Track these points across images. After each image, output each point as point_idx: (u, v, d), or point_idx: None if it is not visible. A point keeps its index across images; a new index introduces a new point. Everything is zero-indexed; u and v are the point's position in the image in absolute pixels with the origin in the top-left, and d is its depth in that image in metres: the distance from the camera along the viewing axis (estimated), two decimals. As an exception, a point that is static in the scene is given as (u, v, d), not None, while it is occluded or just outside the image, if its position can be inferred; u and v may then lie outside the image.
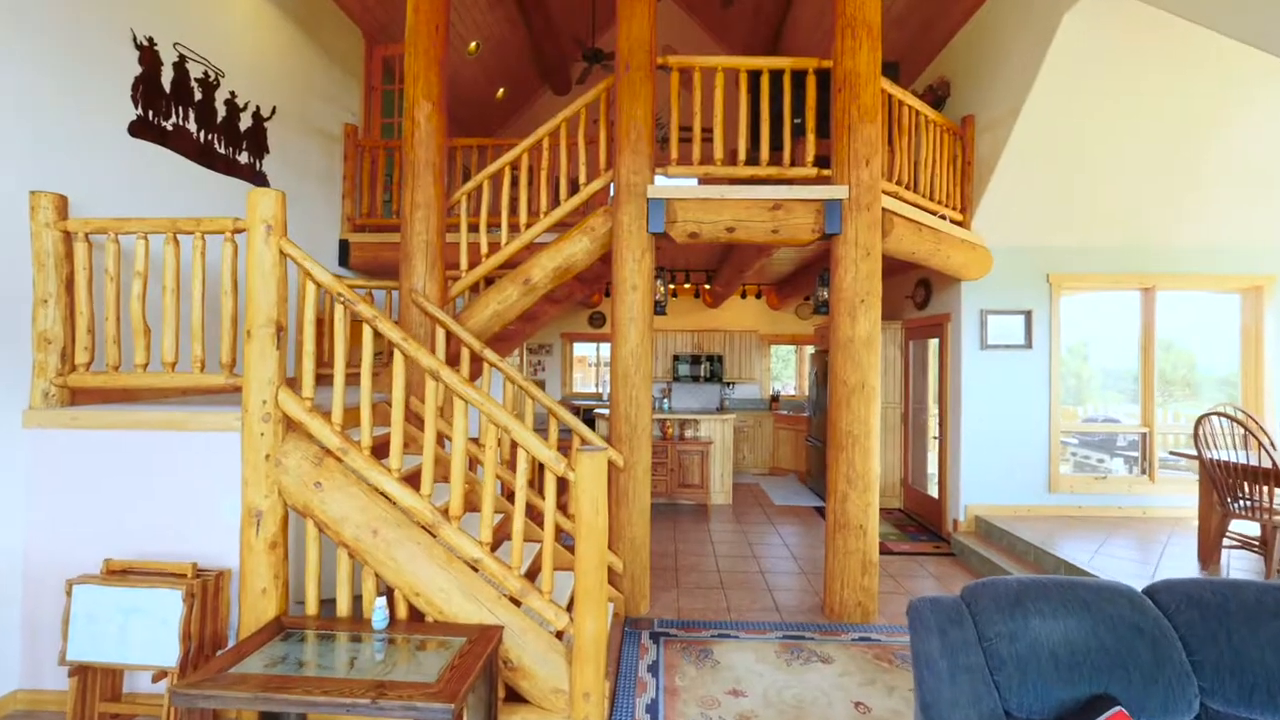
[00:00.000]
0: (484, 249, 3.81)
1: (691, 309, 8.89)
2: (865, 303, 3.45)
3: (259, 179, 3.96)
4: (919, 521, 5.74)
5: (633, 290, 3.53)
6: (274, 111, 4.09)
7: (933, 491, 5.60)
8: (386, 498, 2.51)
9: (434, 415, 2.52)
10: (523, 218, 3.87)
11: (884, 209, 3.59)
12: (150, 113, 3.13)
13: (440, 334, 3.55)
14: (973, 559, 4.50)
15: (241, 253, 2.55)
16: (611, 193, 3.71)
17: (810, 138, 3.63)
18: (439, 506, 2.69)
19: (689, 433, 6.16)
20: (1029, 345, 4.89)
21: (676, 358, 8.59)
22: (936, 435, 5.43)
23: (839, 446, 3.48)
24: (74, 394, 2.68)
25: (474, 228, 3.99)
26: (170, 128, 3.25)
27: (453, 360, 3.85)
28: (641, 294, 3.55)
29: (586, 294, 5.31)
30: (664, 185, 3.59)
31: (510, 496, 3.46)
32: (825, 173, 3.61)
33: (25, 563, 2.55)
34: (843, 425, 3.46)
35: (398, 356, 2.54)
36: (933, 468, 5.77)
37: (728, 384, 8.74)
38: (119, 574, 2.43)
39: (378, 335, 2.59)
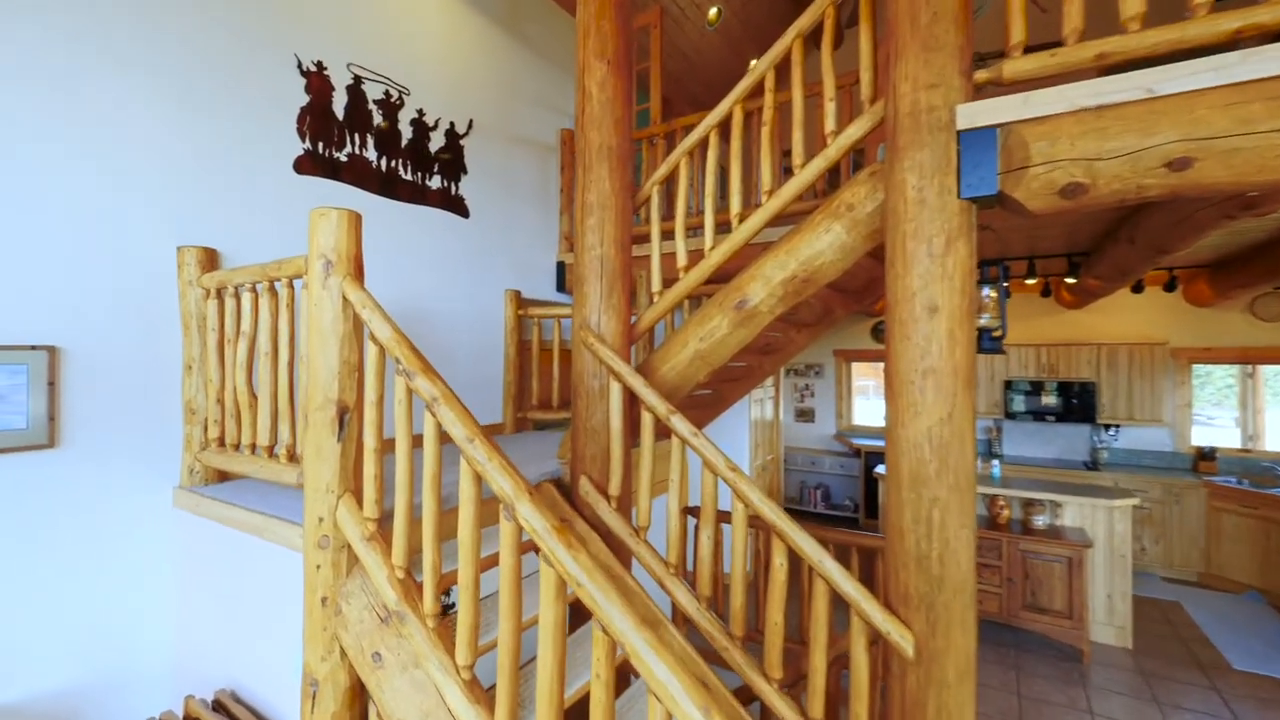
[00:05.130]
0: (681, 260, 2.58)
1: (1035, 311, 6.07)
2: None
3: (454, 204, 3.50)
4: None
5: (929, 313, 1.83)
6: (471, 126, 3.60)
7: None
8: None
9: (512, 585, 1.37)
10: (735, 208, 2.50)
11: None
12: (320, 145, 2.79)
13: (616, 389, 2.45)
14: None
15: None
16: (881, 153, 2.06)
17: None
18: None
19: (1039, 519, 3.83)
20: None
21: (1009, 384, 5.94)
22: None
23: None
24: (220, 473, 2.40)
25: (669, 235, 2.79)
26: (345, 159, 2.90)
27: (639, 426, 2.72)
28: (948, 319, 1.81)
29: (857, 308, 3.62)
30: (994, 104, 1.79)
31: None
32: None
33: (177, 663, 2.31)
34: None
35: (464, 468, 1.48)
36: None
37: (1105, 426, 5.67)
38: (194, 720, 1.95)
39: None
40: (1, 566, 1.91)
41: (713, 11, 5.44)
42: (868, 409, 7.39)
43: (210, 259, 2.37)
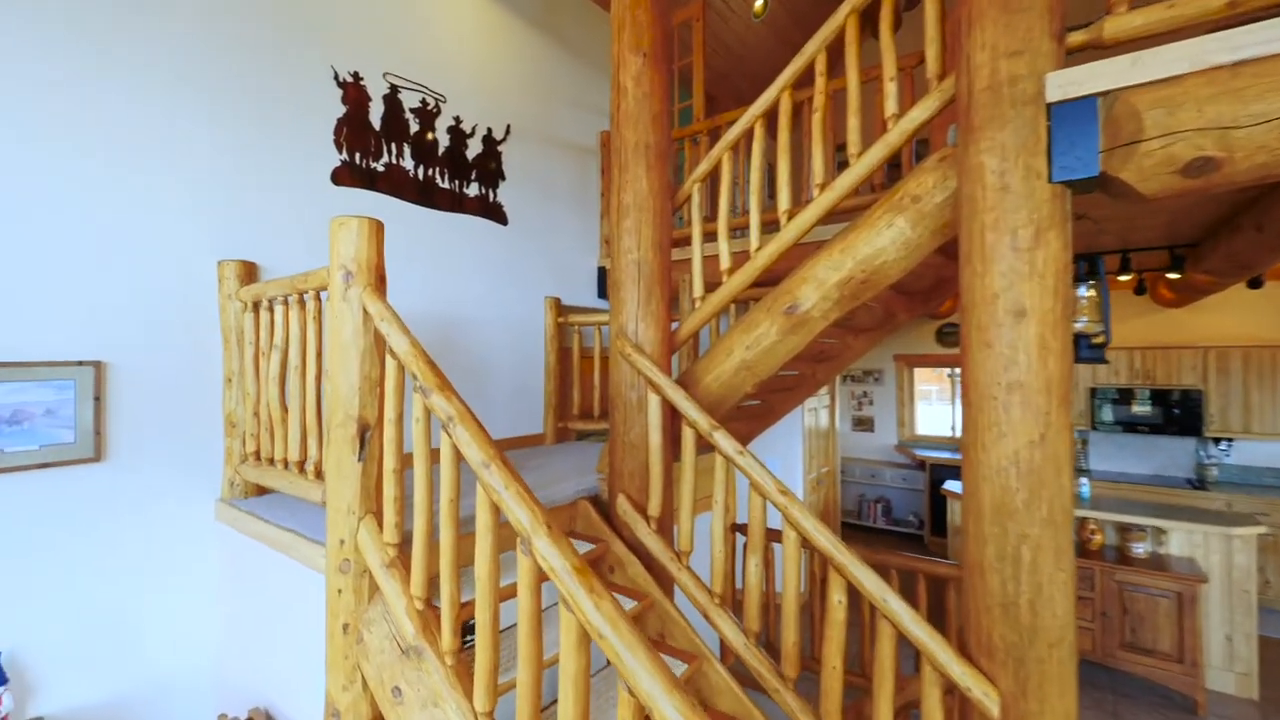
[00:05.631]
0: (725, 262, 2.39)
1: (1128, 310, 5.47)
2: None
3: (492, 211, 3.44)
4: None
5: (1015, 318, 1.57)
6: (508, 131, 3.54)
7: None
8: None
9: (532, 627, 1.23)
10: (783, 205, 2.29)
11: None
12: (357, 155, 2.78)
13: (655, 402, 2.29)
14: None
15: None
16: (952, 135, 1.82)
17: None
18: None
19: (1139, 547, 3.39)
20: None
21: (1095, 392, 5.39)
22: None
23: None
24: (259, 486, 2.38)
25: (712, 236, 2.61)
26: (381, 168, 2.88)
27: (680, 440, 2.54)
28: (1038, 324, 1.55)
29: (922, 311, 3.31)
30: (1094, 69, 1.52)
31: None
32: None
33: (215, 679, 2.30)
34: None
35: (481, 496, 1.35)
36: None
37: (1215, 440, 5.04)
38: (223, 743, 1.90)
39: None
40: (46, 579, 1.93)
41: (759, 2, 5.21)
42: (931, 417, 6.89)
43: (249, 272, 2.37)
